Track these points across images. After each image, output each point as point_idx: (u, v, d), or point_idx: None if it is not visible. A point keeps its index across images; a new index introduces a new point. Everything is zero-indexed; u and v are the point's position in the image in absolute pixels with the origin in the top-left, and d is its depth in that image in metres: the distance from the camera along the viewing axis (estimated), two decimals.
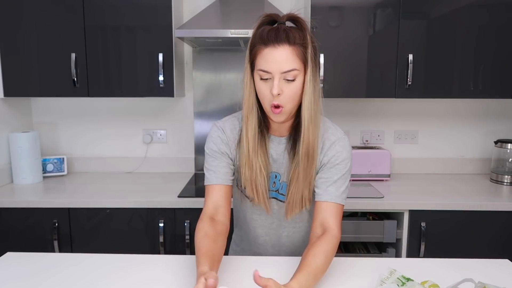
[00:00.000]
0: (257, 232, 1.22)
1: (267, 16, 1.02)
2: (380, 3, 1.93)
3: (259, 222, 1.21)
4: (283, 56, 0.96)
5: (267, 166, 1.10)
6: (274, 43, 0.96)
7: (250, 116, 1.05)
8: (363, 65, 1.97)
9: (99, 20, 1.95)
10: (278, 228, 1.21)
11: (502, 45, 1.94)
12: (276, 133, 1.12)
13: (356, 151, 2.16)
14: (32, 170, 2.09)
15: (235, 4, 2.01)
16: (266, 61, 0.97)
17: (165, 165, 2.38)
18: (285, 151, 1.11)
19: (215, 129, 1.14)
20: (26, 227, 1.83)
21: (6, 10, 1.94)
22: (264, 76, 0.98)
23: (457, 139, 2.38)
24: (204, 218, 1.07)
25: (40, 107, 2.36)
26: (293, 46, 0.96)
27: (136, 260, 1.15)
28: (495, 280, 1.01)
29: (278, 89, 0.96)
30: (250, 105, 1.04)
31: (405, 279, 0.94)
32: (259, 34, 0.99)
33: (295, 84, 0.98)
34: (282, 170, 1.13)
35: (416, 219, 1.81)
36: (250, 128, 1.05)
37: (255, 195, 1.11)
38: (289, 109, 1.01)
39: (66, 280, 1.03)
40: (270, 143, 1.11)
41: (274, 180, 1.14)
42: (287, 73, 0.97)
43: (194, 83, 2.31)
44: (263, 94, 1.00)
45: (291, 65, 0.96)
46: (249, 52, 1.02)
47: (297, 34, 0.97)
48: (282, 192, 1.15)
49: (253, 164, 1.07)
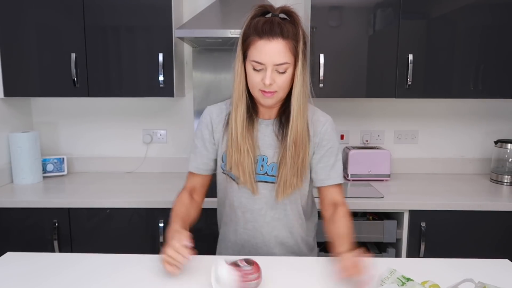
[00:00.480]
0: (246, 217, 1.22)
1: (261, 7, 1.06)
2: (380, 3, 1.93)
3: (247, 206, 1.21)
4: (276, 49, 1.01)
5: (254, 149, 1.14)
6: (269, 36, 1.01)
7: (239, 103, 1.11)
8: (363, 65, 1.97)
9: (99, 20, 1.95)
10: (267, 212, 1.20)
11: (502, 45, 1.94)
12: (263, 117, 1.18)
13: (356, 151, 2.16)
14: (32, 170, 2.09)
15: (235, 4, 2.01)
16: (260, 53, 1.02)
17: (165, 165, 2.38)
18: (272, 132, 1.16)
19: (204, 114, 1.23)
20: (26, 227, 1.83)
21: (6, 10, 1.94)
22: (257, 67, 1.04)
23: (457, 139, 2.38)
24: (183, 191, 1.25)
25: (40, 107, 2.36)
26: (286, 40, 1.02)
27: (136, 260, 1.15)
28: (495, 280, 1.00)
29: (270, 79, 1.03)
30: (240, 92, 1.10)
31: (405, 279, 0.94)
32: (254, 25, 1.03)
33: (286, 75, 1.05)
34: (270, 152, 1.16)
35: (416, 219, 1.80)
36: (239, 115, 1.11)
37: (241, 175, 1.14)
38: (281, 96, 1.09)
39: (66, 280, 1.03)
40: (258, 125, 1.17)
41: (261, 163, 1.17)
42: (279, 66, 1.03)
43: (194, 83, 2.31)
44: (254, 82, 1.06)
45: (284, 58, 1.02)
46: (242, 41, 1.06)
47: (291, 28, 1.03)
48: (271, 173, 1.17)
49: (241, 147, 1.12)
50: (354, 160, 2.15)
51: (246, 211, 1.21)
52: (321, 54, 1.94)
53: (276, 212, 1.21)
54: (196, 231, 1.82)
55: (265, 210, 1.20)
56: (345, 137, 2.37)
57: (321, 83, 1.96)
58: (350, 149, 2.18)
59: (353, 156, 2.15)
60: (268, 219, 1.21)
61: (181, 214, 1.15)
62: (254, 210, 1.21)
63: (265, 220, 1.21)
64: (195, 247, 1.02)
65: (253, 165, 1.14)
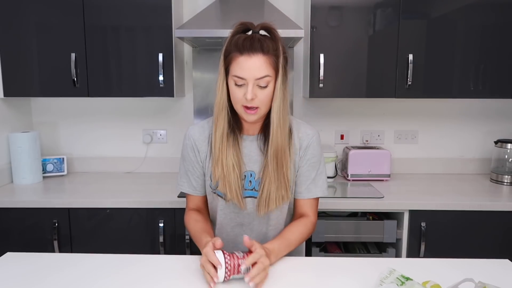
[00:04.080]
0: (235, 231, 1.24)
1: (242, 25, 1.09)
2: (380, 3, 1.93)
3: (237, 220, 1.22)
4: (257, 64, 1.03)
5: (240, 164, 1.14)
6: (249, 51, 1.03)
7: (219, 117, 1.11)
8: (363, 65, 1.97)
9: (99, 20, 1.95)
10: (254, 227, 1.23)
11: (502, 45, 1.94)
12: (247, 133, 1.19)
13: (356, 151, 2.16)
14: (32, 170, 2.09)
15: (235, 4, 2.01)
16: (241, 68, 1.04)
17: (165, 165, 2.38)
18: (257, 148, 1.17)
19: (185, 137, 1.23)
20: (26, 227, 1.83)
21: (6, 10, 1.93)
22: (239, 82, 1.06)
23: (457, 139, 2.38)
24: (189, 211, 1.24)
25: (40, 107, 2.36)
26: (267, 55, 1.04)
27: (136, 260, 1.15)
28: (495, 280, 1.00)
29: (252, 94, 1.04)
30: (220, 107, 1.10)
31: (404, 279, 0.94)
32: (235, 42, 1.06)
33: (267, 90, 1.06)
34: (257, 168, 1.17)
35: (416, 219, 1.80)
36: (218, 129, 1.12)
37: (228, 191, 1.14)
38: (263, 111, 1.10)
39: (66, 280, 1.03)
40: (242, 142, 1.17)
41: (249, 179, 1.18)
42: (260, 80, 1.04)
43: (194, 83, 2.31)
44: (236, 98, 1.07)
45: (264, 72, 1.04)
46: (223, 57, 1.09)
47: (271, 44, 1.05)
48: (258, 189, 1.18)
49: (223, 162, 1.12)
50: (354, 160, 2.15)
51: (235, 225, 1.23)
52: (321, 54, 1.94)
53: (264, 227, 1.23)
54: None
55: (254, 224, 1.23)
56: (345, 137, 2.37)
57: (321, 83, 1.96)
58: (350, 149, 2.18)
59: (353, 156, 2.15)
60: (258, 233, 1.23)
61: (205, 230, 1.14)
62: (244, 224, 1.23)
63: (255, 233, 1.23)
64: (194, 249, 1.02)
65: (239, 181, 1.15)
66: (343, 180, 2.21)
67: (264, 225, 1.23)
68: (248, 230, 1.23)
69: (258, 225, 1.23)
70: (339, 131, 2.37)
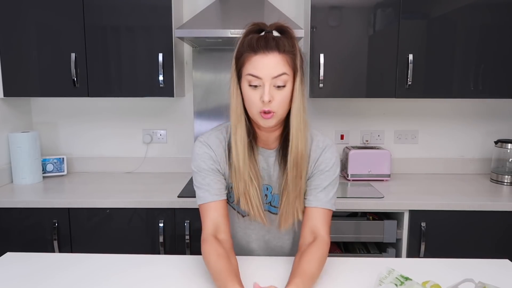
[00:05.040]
0: (251, 247, 1.21)
1: (254, 25, 1.01)
2: (380, 3, 1.93)
3: (252, 237, 1.20)
4: (273, 62, 0.95)
5: (258, 177, 1.07)
6: (264, 50, 0.95)
7: (239, 125, 1.03)
8: (363, 65, 1.97)
9: (99, 20, 1.95)
10: (270, 240, 1.21)
11: (502, 45, 1.94)
12: (264, 145, 1.10)
13: (356, 151, 2.16)
14: (32, 170, 2.09)
15: (235, 4, 2.01)
16: (255, 67, 0.95)
17: (165, 165, 2.38)
18: (275, 163, 1.10)
19: (200, 145, 1.09)
20: (26, 227, 1.83)
21: (6, 10, 1.93)
22: (253, 82, 0.96)
23: (457, 139, 2.38)
24: (208, 238, 1.04)
25: (40, 107, 2.36)
26: (283, 53, 0.96)
27: (136, 260, 1.15)
28: (495, 280, 1.00)
29: (269, 95, 0.95)
30: (238, 114, 1.02)
31: (403, 278, 0.94)
32: (248, 42, 0.98)
33: (285, 90, 0.97)
34: (274, 183, 1.12)
35: (416, 219, 1.80)
36: (239, 138, 1.03)
37: (250, 209, 1.08)
38: (280, 115, 1.00)
39: (66, 280, 1.03)
40: (259, 155, 1.10)
41: (266, 193, 1.13)
42: (277, 78, 0.95)
43: (194, 83, 2.31)
44: (251, 102, 0.98)
45: (282, 69, 0.95)
46: (235, 60, 1.01)
47: (286, 42, 0.97)
48: (274, 204, 1.14)
49: (245, 175, 1.05)
50: (354, 160, 2.15)
51: (251, 241, 1.20)
52: (321, 54, 1.94)
53: (279, 240, 1.21)
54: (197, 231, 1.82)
55: (267, 238, 1.21)
56: (345, 137, 2.37)
57: (321, 83, 1.96)
58: (350, 149, 2.18)
59: (353, 156, 2.15)
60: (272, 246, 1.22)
61: (231, 271, 0.95)
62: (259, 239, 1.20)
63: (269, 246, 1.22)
64: (194, 249, 1.01)
65: (259, 195, 1.08)
66: (343, 180, 2.21)
67: (280, 240, 1.21)
68: (263, 244, 1.21)
69: (274, 240, 1.21)
70: (339, 131, 2.37)
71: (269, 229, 1.18)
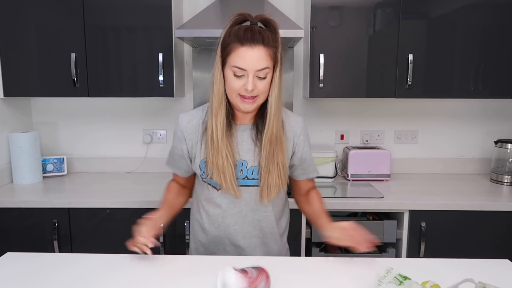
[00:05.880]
0: (227, 222, 1.23)
1: (240, 15, 1.12)
2: (380, 3, 1.93)
3: (228, 211, 1.23)
4: (258, 56, 1.05)
5: (233, 154, 1.16)
6: (251, 43, 1.05)
7: (219, 109, 1.13)
8: (363, 65, 1.97)
9: (99, 20, 1.95)
10: (248, 214, 1.23)
11: (502, 45, 1.94)
12: (240, 122, 1.20)
13: (356, 151, 2.16)
14: (32, 170, 2.09)
15: (235, 4, 2.01)
16: (241, 59, 1.05)
17: (165, 165, 2.37)
18: (249, 137, 1.19)
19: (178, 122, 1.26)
20: (26, 227, 1.83)
21: (6, 10, 1.94)
22: (238, 73, 1.06)
23: (457, 139, 2.38)
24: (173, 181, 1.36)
25: (40, 107, 2.36)
26: (267, 47, 1.06)
27: (136, 260, 1.15)
28: (495, 280, 1.01)
29: (253, 85, 1.06)
30: (219, 98, 1.12)
31: (402, 278, 0.94)
32: (234, 32, 1.07)
33: (266, 80, 1.09)
34: (249, 157, 1.18)
35: (416, 219, 1.80)
36: (219, 121, 1.13)
37: (223, 181, 1.15)
38: (261, 100, 1.12)
39: (66, 280, 1.03)
40: (235, 132, 1.19)
41: (241, 168, 1.19)
42: (260, 71, 1.06)
43: (194, 83, 2.31)
44: (234, 87, 1.08)
45: (265, 63, 1.06)
46: (221, 48, 1.09)
47: (270, 36, 1.07)
48: (252, 177, 1.19)
49: (222, 153, 1.13)
50: (354, 160, 2.15)
51: (227, 216, 1.23)
52: (321, 54, 1.94)
53: (256, 214, 1.23)
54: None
55: (245, 212, 1.23)
56: (345, 137, 2.37)
57: (321, 83, 1.96)
58: (350, 149, 2.18)
59: (353, 156, 2.15)
60: (249, 221, 1.23)
61: (168, 202, 1.32)
62: (234, 214, 1.23)
63: (246, 221, 1.23)
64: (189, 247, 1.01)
65: (233, 170, 1.16)
66: (343, 180, 2.21)
67: (257, 213, 1.23)
68: (241, 219, 1.23)
69: (251, 214, 1.23)
70: (339, 131, 2.37)
71: (246, 203, 1.22)
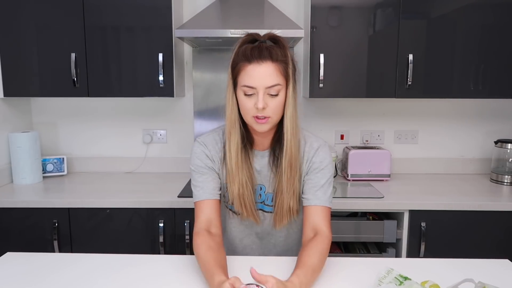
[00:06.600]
0: (244, 243, 1.25)
1: (249, 36, 1.07)
2: (380, 3, 1.93)
3: (245, 233, 1.24)
4: (266, 72, 1.00)
5: (252, 179, 1.13)
6: (258, 59, 1.00)
7: (233, 131, 1.08)
8: (363, 65, 1.97)
9: (99, 20, 1.95)
10: (264, 236, 1.24)
11: (502, 45, 1.94)
12: (258, 148, 1.16)
13: (356, 151, 2.16)
14: (32, 170, 2.09)
15: (235, 4, 2.01)
16: (250, 77, 1.01)
17: (165, 165, 2.38)
18: (268, 163, 1.15)
19: (198, 145, 1.16)
20: (26, 227, 1.83)
21: (6, 10, 1.93)
22: (248, 92, 1.02)
23: (457, 139, 2.38)
24: (200, 232, 1.08)
25: (40, 107, 2.36)
26: (276, 62, 1.01)
27: (136, 260, 1.15)
28: (495, 280, 1.00)
29: (263, 103, 1.01)
30: (232, 120, 1.08)
31: (402, 278, 0.94)
32: (242, 52, 1.03)
33: (278, 98, 1.03)
34: (267, 182, 1.16)
35: (416, 219, 1.80)
36: (233, 143, 1.09)
37: (244, 210, 1.13)
38: (275, 120, 1.06)
39: (66, 280, 1.03)
40: (253, 157, 1.15)
41: (259, 192, 1.18)
42: (270, 88, 1.01)
43: (194, 83, 2.31)
44: (246, 108, 1.04)
45: (275, 80, 1.01)
46: (231, 69, 1.06)
47: (279, 52, 1.02)
48: (268, 203, 1.18)
49: (239, 178, 1.10)
50: (354, 160, 2.15)
51: (244, 237, 1.25)
52: (321, 54, 1.94)
53: (272, 238, 1.25)
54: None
55: (261, 235, 1.24)
56: (345, 137, 2.37)
57: (321, 83, 1.96)
58: (350, 149, 2.18)
59: (353, 156, 2.15)
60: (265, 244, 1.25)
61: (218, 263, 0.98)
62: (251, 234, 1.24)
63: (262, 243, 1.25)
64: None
65: (252, 197, 1.14)
66: (343, 180, 2.21)
67: (273, 237, 1.24)
68: (257, 240, 1.25)
69: (267, 237, 1.24)
70: (339, 131, 2.37)
71: (262, 227, 1.22)
